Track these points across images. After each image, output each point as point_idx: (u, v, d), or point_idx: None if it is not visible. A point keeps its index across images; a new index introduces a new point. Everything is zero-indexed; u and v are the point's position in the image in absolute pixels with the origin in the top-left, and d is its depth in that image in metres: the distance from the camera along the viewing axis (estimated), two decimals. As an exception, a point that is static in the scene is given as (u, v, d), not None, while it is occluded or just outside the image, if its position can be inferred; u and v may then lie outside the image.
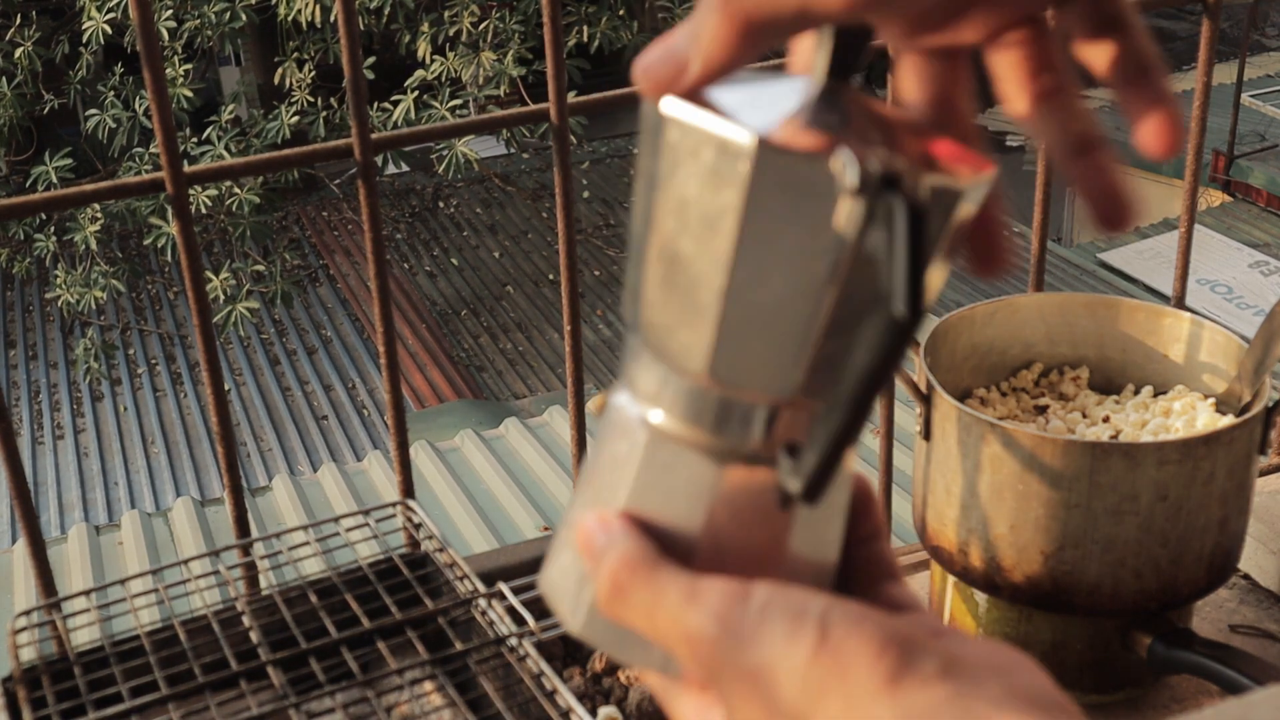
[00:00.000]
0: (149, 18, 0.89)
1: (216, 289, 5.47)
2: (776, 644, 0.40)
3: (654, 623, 0.43)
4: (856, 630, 0.39)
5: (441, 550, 0.95)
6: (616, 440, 0.44)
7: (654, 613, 0.42)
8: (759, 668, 0.40)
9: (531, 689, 0.82)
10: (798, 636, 0.39)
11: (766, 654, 0.40)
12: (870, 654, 0.38)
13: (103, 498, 5.38)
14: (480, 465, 3.10)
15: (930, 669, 0.38)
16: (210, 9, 5.50)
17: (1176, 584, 1.00)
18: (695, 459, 0.42)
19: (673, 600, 0.42)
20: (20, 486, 0.97)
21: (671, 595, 0.42)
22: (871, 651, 0.38)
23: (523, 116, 1.05)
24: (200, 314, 0.99)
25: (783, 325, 0.40)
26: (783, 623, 0.40)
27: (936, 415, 1.04)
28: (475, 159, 5.80)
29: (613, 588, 0.43)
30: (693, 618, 0.41)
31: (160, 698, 0.82)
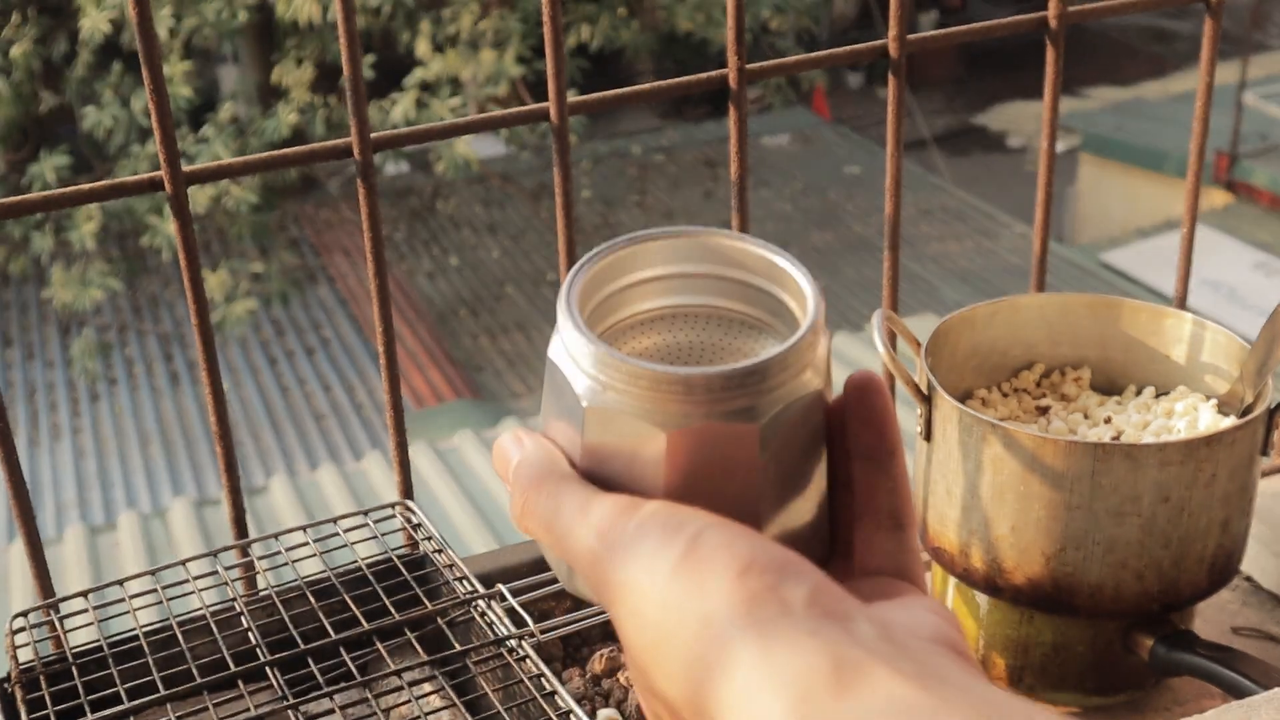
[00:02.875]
0: (148, 16, 0.89)
1: (214, 289, 5.46)
2: (643, 557, 0.38)
3: (551, 533, 0.42)
4: (725, 549, 0.37)
5: (440, 551, 0.95)
6: (563, 385, 0.43)
7: (551, 524, 0.41)
8: (626, 581, 0.38)
9: (531, 690, 0.81)
10: (665, 550, 0.38)
11: (634, 567, 0.38)
12: (732, 572, 0.36)
13: (100, 498, 5.38)
14: (479, 465, 3.10)
15: (795, 595, 0.36)
16: (209, 7, 5.49)
17: (1178, 586, 1.00)
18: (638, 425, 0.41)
19: (567, 513, 0.41)
20: (17, 486, 0.97)
21: (566, 508, 0.41)
22: (734, 570, 0.36)
23: (522, 116, 1.05)
24: (198, 313, 0.98)
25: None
26: (656, 536, 0.38)
27: (937, 416, 1.04)
28: (475, 159, 5.80)
29: (517, 499, 0.43)
30: (579, 530, 0.40)
31: (158, 698, 0.81)
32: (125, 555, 2.73)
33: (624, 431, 0.41)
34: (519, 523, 0.43)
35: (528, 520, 0.42)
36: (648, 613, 0.37)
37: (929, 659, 0.35)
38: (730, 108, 1.08)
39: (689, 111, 8.54)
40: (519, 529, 0.43)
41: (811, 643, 0.34)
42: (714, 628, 0.35)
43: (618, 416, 0.41)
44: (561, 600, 1.11)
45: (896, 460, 0.44)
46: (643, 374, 0.40)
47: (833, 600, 0.36)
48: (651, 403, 0.40)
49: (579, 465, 0.42)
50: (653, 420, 0.40)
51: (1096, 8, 1.19)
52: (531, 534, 0.43)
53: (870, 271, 6.67)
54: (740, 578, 0.36)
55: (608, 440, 0.41)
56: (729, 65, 1.07)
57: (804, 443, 0.43)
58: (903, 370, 1.05)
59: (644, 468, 0.41)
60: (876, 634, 0.35)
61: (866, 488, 0.43)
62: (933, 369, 1.06)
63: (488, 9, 5.86)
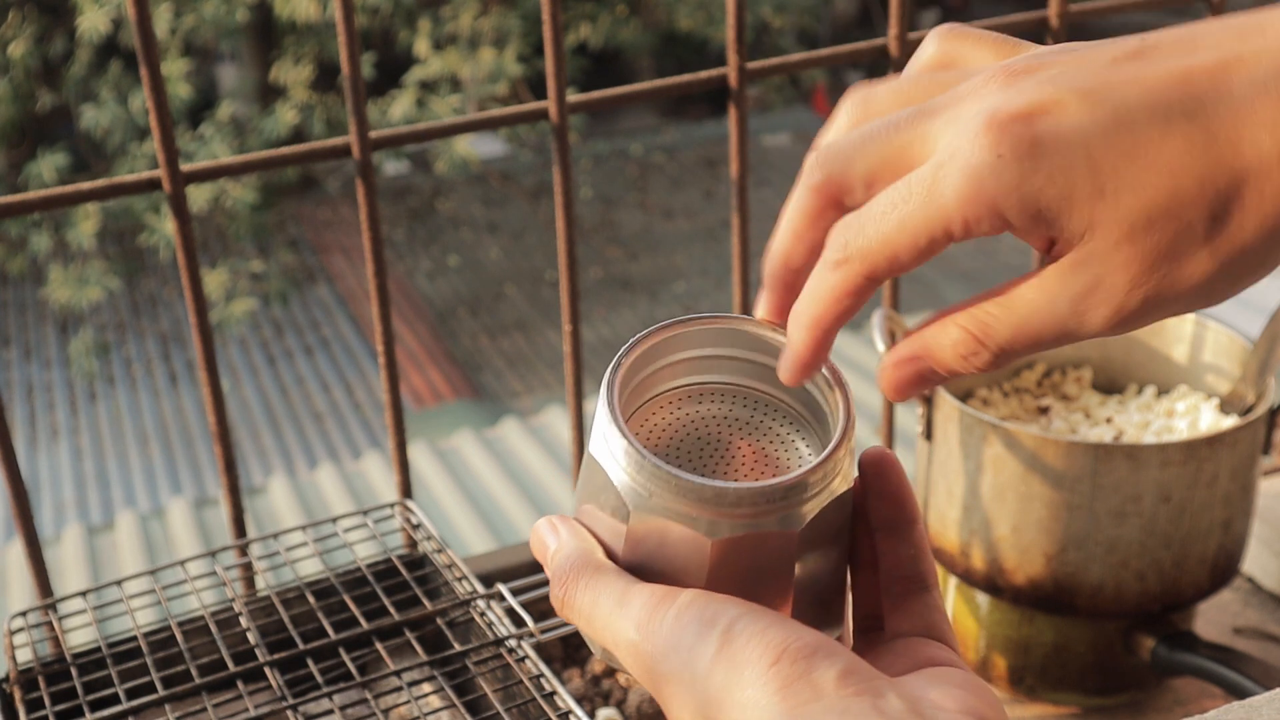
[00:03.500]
0: (146, 15, 0.89)
1: (213, 288, 5.46)
2: (683, 651, 0.40)
3: (591, 626, 0.44)
4: (758, 638, 0.39)
5: (440, 551, 0.95)
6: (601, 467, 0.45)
7: (591, 616, 0.43)
8: (668, 673, 0.40)
9: (530, 690, 0.81)
10: (702, 643, 0.40)
11: (675, 661, 0.40)
12: (766, 661, 0.38)
13: (99, 498, 5.37)
14: (479, 465, 3.09)
15: (826, 678, 0.38)
16: (207, 6, 5.49)
17: (1179, 586, 1.00)
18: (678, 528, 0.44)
19: (605, 605, 0.43)
20: (16, 486, 0.96)
21: (604, 601, 0.43)
22: (768, 658, 0.38)
23: (522, 115, 1.05)
24: (197, 313, 0.98)
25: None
26: (693, 629, 0.40)
27: (938, 416, 1.04)
28: (474, 159, 5.80)
29: (556, 592, 0.45)
30: (619, 623, 0.42)
31: (157, 699, 0.81)
32: (124, 555, 2.73)
33: (667, 537, 0.43)
34: (559, 612, 0.45)
35: (567, 611, 0.44)
36: (691, 704, 0.40)
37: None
38: (730, 107, 1.08)
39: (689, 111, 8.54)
40: (559, 614, 0.45)
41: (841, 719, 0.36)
42: (752, 713, 0.38)
43: (662, 523, 0.43)
44: (561, 600, 1.11)
45: (916, 529, 0.46)
46: (689, 488, 0.42)
47: (861, 679, 0.38)
48: (697, 512, 0.42)
49: (619, 557, 0.44)
50: (698, 528, 0.42)
51: (1097, 7, 1.19)
52: (572, 622, 0.45)
53: (870, 271, 6.66)
54: (774, 666, 0.38)
55: (649, 541, 0.44)
56: (729, 64, 1.06)
57: (835, 532, 0.45)
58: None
59: (685, 564, 0.43)
60: (905, 708, 0.37)
61: (890, 556, 0.46)
62: (933, 369, 1.06)
63: (487, 7, 5.86)
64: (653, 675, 0.41)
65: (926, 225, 0.39)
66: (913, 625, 0.45)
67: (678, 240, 7.21)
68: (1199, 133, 0.37)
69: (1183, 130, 0.37)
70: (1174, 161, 0.37)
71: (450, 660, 0.86)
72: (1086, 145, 0.37)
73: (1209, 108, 0.37)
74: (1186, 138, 0.37)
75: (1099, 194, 0.37)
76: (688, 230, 7.31)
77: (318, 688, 0.82)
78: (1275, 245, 0.38)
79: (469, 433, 3.28)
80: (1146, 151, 0.37)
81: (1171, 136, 0.37)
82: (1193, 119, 0.37)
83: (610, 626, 0.42)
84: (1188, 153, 0.37)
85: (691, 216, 7.47)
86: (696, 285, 6.75)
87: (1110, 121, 0.37)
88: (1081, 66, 0.39)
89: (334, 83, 5.79)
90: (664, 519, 0.43)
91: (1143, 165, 0.37)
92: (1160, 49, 0.39)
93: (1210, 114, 0.37)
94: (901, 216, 0.39)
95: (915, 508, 0.46)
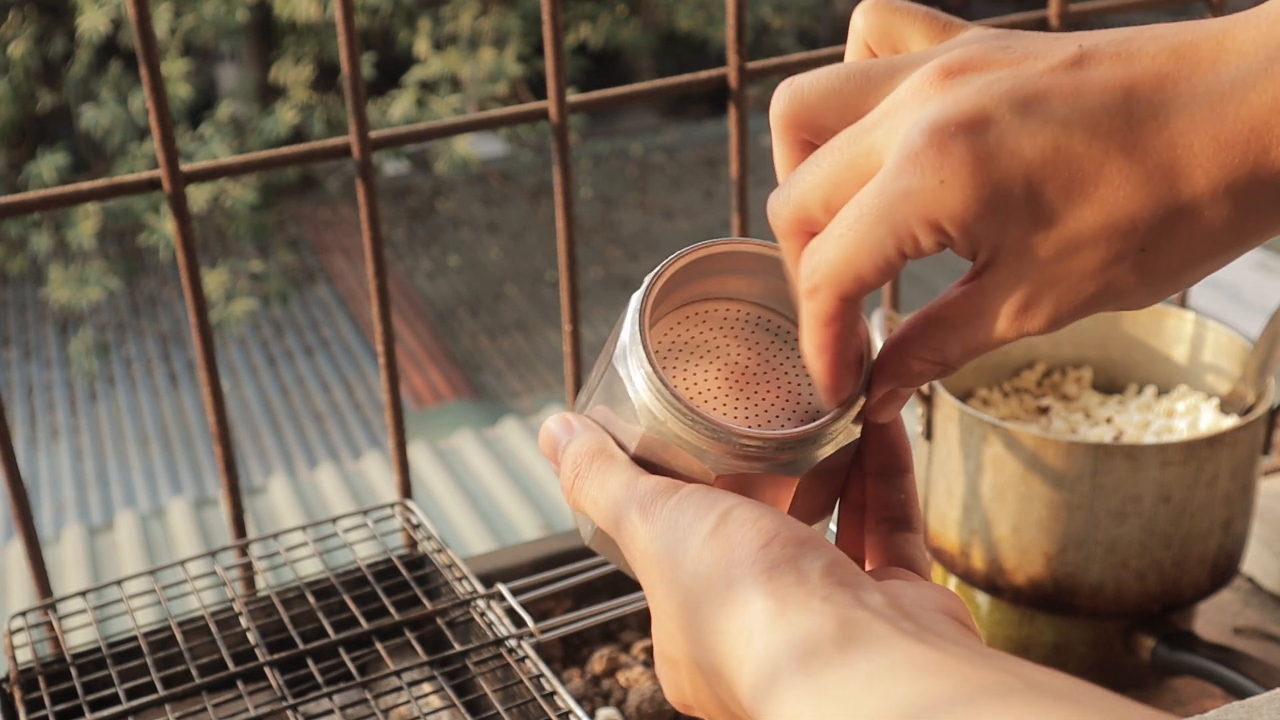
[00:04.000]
0: (146, 15, 0.89)
1: (213, 288, 5.46)
2: (679, 530, 0.42)
3: (597, 507, 0.45)
4: (752, 524, 0.40)
5: (440, 551, 0.95)
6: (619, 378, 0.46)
7: (597, 498, 0.45)
8: (662, 549, 0.42)
9: (530, 690, 0.81)
10: (699, 523, 0.41)
11: (670, 537, 0.42)
12: (757, 543, 0.40)
13: (99, 498, 5.37)
14: (479, 465, 3.09)
15: (813, 566, 0.39)
16: (207, 6, 5.48)
17: (1179, 586, 1.00)
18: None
19: (613, 488, 0.44)
20: (16, 486, 0.96)
21: (613, 484, 0.45)
22: (759, 540, 0.40)
23: (522, 114, 1.05)
24: (197, 313, 0.98)
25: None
26: (692, 510, 0.42)
27: (938, 416, 1.04)
28: (474, 159, 5.79)
29: (569, 477, 0.46)
30: (624, 505, 0.44)
31: (157, 699, 0.81)
32: (124, 555, 2.73)
33: (676, 458, 0.45)
34: (568, 496, 0.47)
35: (577, 494, 0.46)
36: (680, 578, 0.41)
37: (932, 623, 0.38)
38: (730, 107, 1.08)
39: (689, 111, 8.54)
40: (568, 503, 0.47)
41: (822, 606, 0.37)
42: (736, 591, 0.39)
43: (672, 446, 0.44)
44: (561, 600, 1.11)
45: (909, 476, 0.47)
46: (705, 426, 0.43)
47: (846, 573, 0.39)
48: (708, 448, 0.44)
49: (629, 454, 0.46)
50: (704, 460, 0.44)
51: (1097, 7, 1.19)
52: (579, 507, 0.46)
53: (870, 271, 6.67)
54: (764, 549, 0.39)
55: (658, 455, 0.45)
56: (729, 64, 1.06)
57: (834, 474, 0.47)
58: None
59: (689, 479, 0.45)
60: (885, 601, 0.38)
61: (879, 498, 0.47)
62: (933, 369, 1.06)
63: (487, 7, 5.86)
64: (648, 556, 0.42)
65: (880, 246, 0.41)
66: (893, 558, 0.46)
67: (678, 240, 7.21)
68: (1135, 167, 0.38)
69: (1119, 162, 0.38)
70: (1109, 196, 0.39)
71: (450, 660, 0.86)
72: (1026, 175, 0.39)
73: (1146, 137, 0.38)
74: (1122, 171, 0.38)
75: (1034, 224, 0.39)
76: (688, 230, 7.31)
77: (318, 688, 0.82)
78: (1199, 267, 0.40)
79: (469, 433, 3.28)
80: (1083, 186, 0.39)
81: (1108, 167, 0.38)
82: (1129, 150, 0.38)
83: (615, 507, 0.44)
84: (1122, 188, 0.39)
85: (691, 216, 7.47)
86: (696, 285, 6.74)
87: (1049, 148, 0.39)
88: (1019, 73, 0.40)
89: (334, 83, 5.79)
90: (676, 444, 0.44)
91: (1080, 200, 0.39)
92: (1099, 57, 0.40)
93: (1147, 143, 0.38)
94: (858, 238, 0.41)
95: (909, 457, 0.47)
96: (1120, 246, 0.39)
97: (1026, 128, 0.39)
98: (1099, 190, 0.39)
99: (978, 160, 0.39)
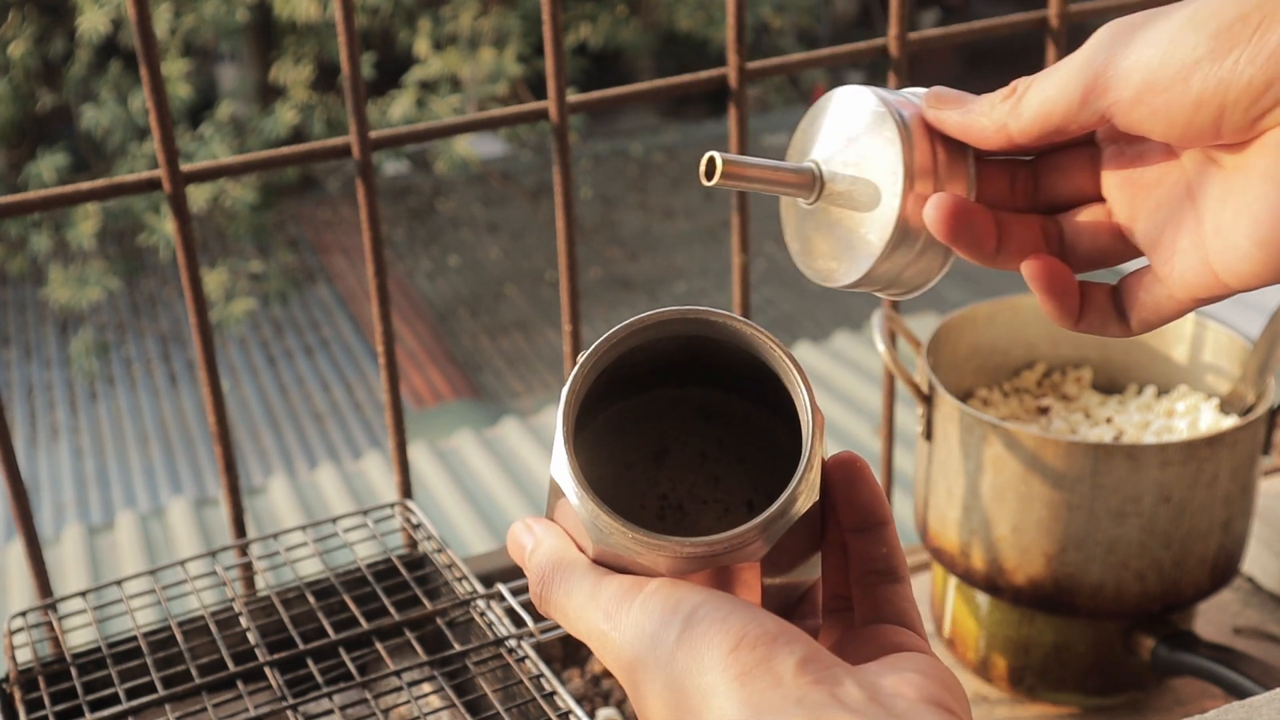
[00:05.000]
0: (146, 15, 0.89)
1: (213, 288, 5.45)
2: (646, 638, 0.41)
3: (567, 619, 0.45)
4: (719, 625, 0.40)
5: (440, 551, 0.95)
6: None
7: (565, 609, 0.45)
8: (638, 661, 0.41)
9: (530, 690, 0.81)
10: (665, 630, 0.41)
11: (640, 647, 0.41)
12: (725, 647, 0.39)
13: (99, 498, 5.37)
14: (479, 465, 3.09)
15: (785, 665, 0.38)
16: (207, 6, 5.48)
17: (1179, 586, 1.00)
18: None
19: (578, 599, 0.44)
20: (16, 486, 0.96)
21: (577, 594, 0.44)
22: (727, 644, 0.39)
23: (522, 115, 1.05)
24: (197, 313, 0.98)
25: None
26: (656, 616, 0.41)
27: (938, 416, 1.04)
28: (474, 159, 5.79)
29: (535, 589, 0.46)
30: (591, 615, 0.43)
31: (157, 699, 0.81)
32: (124, 555, 2.73)
33: (632, 562, 0.44)
34: (540, 609, 0.46)
35: (546, 607, 0.46)
36: (655, 688, 0.40)
37: (911, 715, 0.37)
38: (730, 107, 1.08)
39: (689, 111, 8.54)
40: (541, 613, 0.47)
41: (797, 709, 0.37)
42: (711, 700, 0.38)
43: (623, 554, 0.44)
44: (561, 600, 1.11)
45: (888, 529, 0.47)
46: (642, 540, 0.42)
47: (820, 667, 0.38)
48: (654, 557, 0.43)
49: (589, 554, 0.45)
50: (658, 567, 0.43)
51: (1097, 6, 1.19)
52: (549, 616, 0.46)
53: (870, 271, 6.66)
54: (733, 653, 0.39)
55: (615, 559, 0.44)
56: (729, 64, 1.06)
57: (801, 543, 0.45)
58: (903, 370, 1.05)
59: (651, 572, 0.44)
60: (863, 696, 0.38)
61: (861, 553, 0.46)
62: (934, 368, 1.06)
63: (487, 7, 5.86)
64: (621, 663, 0.42)
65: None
66: (882, 613, 0.46)
67: (678, 240, 7.21)
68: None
69: None
70: None
71: (450, 660, 0.86)
72: None
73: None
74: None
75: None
76: (688, 230, 7.31)
77: (318, 688, 0.82)
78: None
79: (469, 433, 3.28)
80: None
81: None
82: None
83: (583, 618, 0.43)
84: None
85: (691, 216, 7.47)
86: (696, 285, 6.74)
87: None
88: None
89: (334, 83, 5.78)
90: (626, 554, 0.43)
91: None
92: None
93: None
94: None
95: (886, 511, 0.46)
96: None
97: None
98: None
99: None
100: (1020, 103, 0.46)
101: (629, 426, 0.49)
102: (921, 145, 0.47)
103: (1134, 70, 0.42)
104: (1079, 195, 0.49)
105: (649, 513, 0.48)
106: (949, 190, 0.47)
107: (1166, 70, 0.42)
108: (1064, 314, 0.48)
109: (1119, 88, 0.43)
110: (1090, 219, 0.48)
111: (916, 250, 0.48)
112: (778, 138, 8.23)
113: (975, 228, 0.47)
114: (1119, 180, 0.47)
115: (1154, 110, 0.42)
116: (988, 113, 0.47)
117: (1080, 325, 0.48)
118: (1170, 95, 0.42)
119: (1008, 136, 0.46)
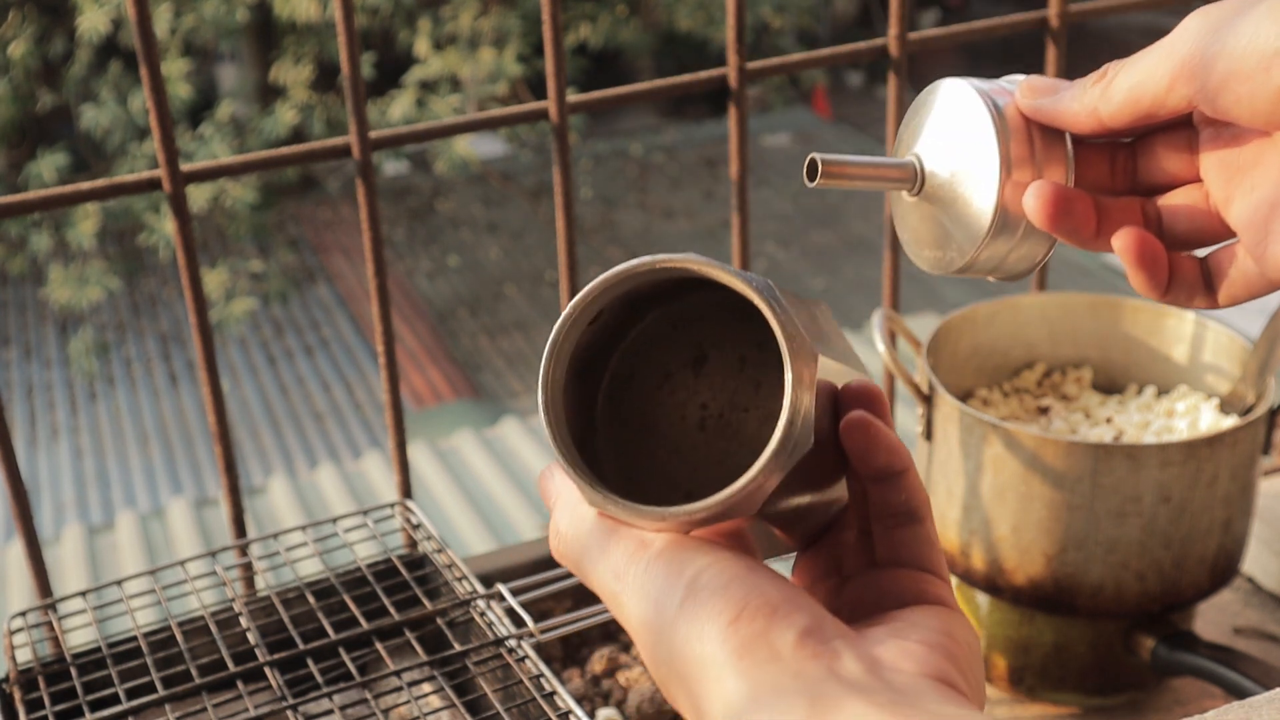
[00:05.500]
0: (146, 15, 0.89)
1: (213, 288, 5.45)
2: (650, 600, 0.41)
3: (583, 574, 0.45)
4: (720, 594, 0.40)
5: (440, 551, 0.95)
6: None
7: (581, 565, 0.45)
8: (643, 622, 0.42)
9: (530, 690, 0.81)
10: (669, 595, 0.41)
11: (646, 609, 0.42)
12: (726, 618, 0.39)
13: (99, 498, 5.37)
14: (479, 465, 3.09)
15: (784, 639, 0.38)
16: (207, 6, 5.48)
17: (1180, 586, 1.00)
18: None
19: (592, 554, 0.44)
20: (16, 486, 0.96)
21: (591, 550, 0.44)
22: (727, 615, 0.39)
23: (522, 115, 1.05)
24: (197, 313, 0.98)
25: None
26: (660, 579, 0.41)
27: (938, 416, 1.04)
28: (474, 159, 5.79)
29: (553, 539, 0.46)
30: (601, 572, 0.44)
31: (157, 699, 0.81)
32: (124, 555, 2.73)
33: (633, 525, 0.44)
34: (556, 557, 0.47)
35: (563, 561, 0.46)
36: (659, 652, 0.41)
37: (909, 690, 0.37)
38: (730, 107, 1.08)
39: (689, 111, 8.54)
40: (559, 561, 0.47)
41: (794, 684, 0.37)
42: (711, 670, 0.39)
43: (622, 520, 0.44)
44: (561, 600, 1.11)
45: (908, 475, 0.46)
46: (635, 511, 0.42)
47: (820, 640, 0.39)
48: (650, 525, 0.43)
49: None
50: (650, 530, 0.43)
51: (1097, 6, 1.19)
52: (567, 567, 0.47)
53: (871, 271, 6.67)
54: (733, 624, 0.39)
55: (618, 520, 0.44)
56: (729, 64, 1.06)
57: (805, 477, 0.44)
58: (903, 370, 1.05)
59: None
60: (861, 669, 0.38)
61: (881, 498, 0.47)
62: (934, 369, 1.06)
63: (487, 7, 5.86)
64: (631, 624, 0.43)
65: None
66: (902, 555, 0.46)
67: (678, 240, 7.21)
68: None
69: None
70: None
71: (450, 660, 0.86)
72: None
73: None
74: None
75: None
76: (688, 230, 7.31)
77: (318, 688, 0.82)
78: None
79: (469, 433, 3.28)
80: None
81: None
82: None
83: (595, 574, 0.44)
84: None
85: (691, 216, 7.47)
86: (696, 285, 6.74)
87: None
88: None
89: (334, 83, 5.79)
90: (623, 519, 0.44)
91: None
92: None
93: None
94: None
95: (904, 459, 0.46)
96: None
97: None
98: None
99: None
100: (1110, 87, 0.47)
101: (667, 332, 0.48)
102: (1018, 134, 0.48)
103: (1218, 58, 0.43)
104: (1177, 177, 0.50)
105: (690, 424, 0.47)
106: (1047, 177, 0.48)
107: (1249, 60, 0.42)
108: (1153, 285, 0.48)
109: (1204, 75, 0.44)
110: (1187, 200, 0.49)
111: (1018, 237, 0.49)
112: (778, 138, 8.24)
113: (1074, 214, 0.48)
114: (1215, 162, 0.48)
115: (1239, 98, 0.43)
116: (1079, 98, 0.48)
117: (1167, 297, 0.49)
118: (1253, 85, 0.43)
119: (1099, 121, 0.47)
